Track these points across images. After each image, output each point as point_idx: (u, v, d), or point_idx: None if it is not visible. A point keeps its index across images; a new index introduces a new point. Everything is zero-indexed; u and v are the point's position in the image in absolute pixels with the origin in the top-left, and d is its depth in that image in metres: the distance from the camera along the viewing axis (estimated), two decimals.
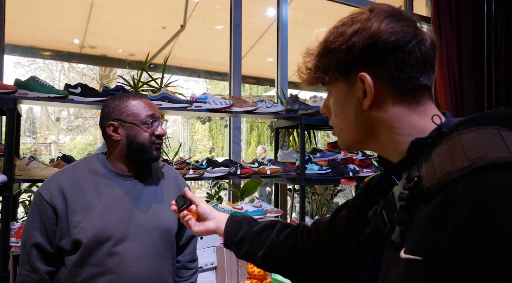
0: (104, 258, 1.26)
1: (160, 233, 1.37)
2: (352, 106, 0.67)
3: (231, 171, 2.34)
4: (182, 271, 1.52)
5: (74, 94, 1.92)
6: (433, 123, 0.62)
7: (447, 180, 0.52)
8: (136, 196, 1.36)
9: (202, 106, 2.31)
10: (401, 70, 0.62)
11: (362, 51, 0.63)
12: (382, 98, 0.64)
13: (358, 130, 0.69)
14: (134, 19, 4.19)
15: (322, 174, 2.63)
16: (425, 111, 0.65)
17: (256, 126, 10.83)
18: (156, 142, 1.37)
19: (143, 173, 1.42)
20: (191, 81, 11.22)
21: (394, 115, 0.65)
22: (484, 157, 0.50)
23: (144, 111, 1.36)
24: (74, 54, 4.49)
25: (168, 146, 2.98)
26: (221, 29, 4.50)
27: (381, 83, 0.63)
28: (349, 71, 0.65)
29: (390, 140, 0.66)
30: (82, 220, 1.26)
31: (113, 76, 7.56)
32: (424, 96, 0.65)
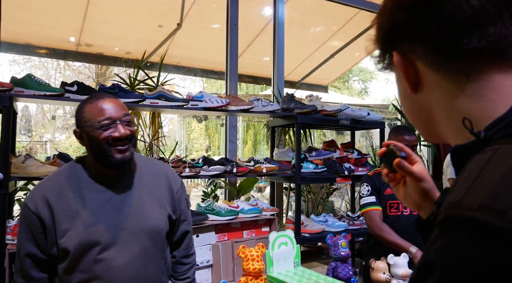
0: (91, 264, 1.27)
1: (148, 235, 1.35)
2: (403, 90, 0.56)
3: (227, 169, 2.35)
4: (178, 266, 1.52)
5: (70, 92, 1.93)
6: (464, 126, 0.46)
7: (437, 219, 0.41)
8: (122, 199, 1.34)
9: (198, 104, 2.31)
10: (434, 35, 0.47)
11: (390, 26, 0.52)
12: (425, 77, 0.51)
13: (415, 118, 0.57)
14: (131, 17, 4.18)
15: (317, 172, 2.64)
16: (480, 90, 0.46)
17: (253, 125, 10.83)
18: (116, 144, 1.29)
19: (127, 174, 1.39)
20: (187, 80, 11.22)
21: (440, 99, 0.50)
22: (452, 204, 0.38)
23: (98, 115, 1.29)
24: (70, 52, 4.47)
25: (164, 144, 2.98)
26: (217, 27, 4.50)
27: (419, 58, 0.50)
28: (390, 50, 0.54)
29: (449, 132, 0.52)
30: (69, 229, 1.26)
31: (109, 74, 7.55)
32: (482, 66, 0.46)
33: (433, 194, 0.74)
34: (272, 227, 2.50)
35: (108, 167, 1.32)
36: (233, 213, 2.32)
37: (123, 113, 1.33)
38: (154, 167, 1.49)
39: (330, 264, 1.68)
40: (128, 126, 1.33)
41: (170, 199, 1.45)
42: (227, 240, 2.31)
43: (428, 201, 0.74)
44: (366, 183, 2.18)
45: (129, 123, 1.34)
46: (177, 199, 1.47)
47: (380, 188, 2.16)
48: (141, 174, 1.42)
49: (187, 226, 1.53)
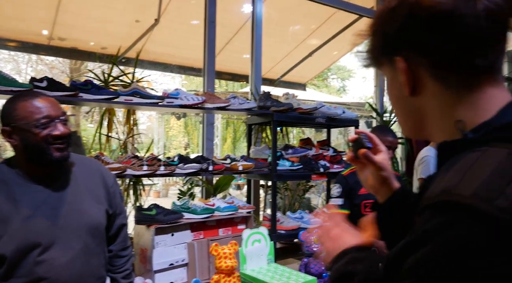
0: (31, 267, 1.24)
1: (89, 231, 1.36)
2: (397, 91, 0.60)
3: (203, 167, 2.34)
4: (115, 259, 1.52)
5: (39, 88, 1.87)
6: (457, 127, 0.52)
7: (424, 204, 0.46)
8: (58, 198, 1.33)
9: (174, 102, 2.29)
10: (444, 50, 0.51)
11: (398, 33, 0.55)
12: (424, 84, 0.55)
13: (405, 117, 0.62)
14: (107, 11, 4.10)
15: (293, 170, 2.66)
16: (475, 101, 0.52)
17: (232, 122, 10.82)
18: (55, 142, 1.28)
19: (61, 173, 1.37)
20: (167, 76, 11.10)
21: (437, 105, 0.55)
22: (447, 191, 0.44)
23: (35, 113, 1.26)
24: (42, 46, 4.34)
25: (140, 142, 2.95)
26: (196, 24, 4.47)
27: (421, 66, 0.54)
28: (390, 54, 0.57)
29: (437, 134, 0.58)
30: (3, 235, 1.23)
31: (84, 69, 7.38)
32: (478, 81, 0.52)
33: (390, 182, 0.81)
34: (248, 225, 2.50)
35: (45, 165, 1.30)
36: (209, 211, 2.31)
37: (61, 111, 1.32)
38: (87, 164, 1.49)
39: (303, 260, 1.70)
40: (66, 125, 1.32)
41: (106, 194, 1.46)
42: (202, 239, 2.30)
43: (384, 187, 0.81)
44: (339, 184, 2.21)
45: (66, 122, 1.33)
46: (112, 193, 1.48)
47: (355, 188, 2.17)
48: (75, 172, 1.41)
49: (122, 219, 1.55)
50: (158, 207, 2.13)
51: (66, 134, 1.30)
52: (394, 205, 0.80)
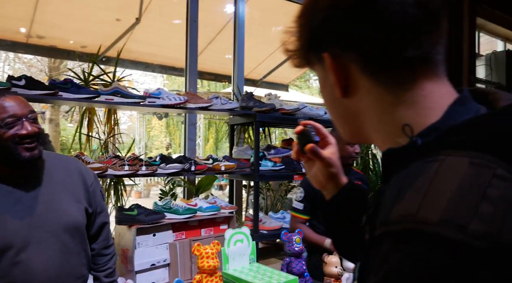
0: (8, 268, 1.22)
1: (67, 230, 1.34)
2: (329, 93, 0.54)
3: (185, 167, 2.34)
4: (98, 258, 1.52)
5: (17, 87, 1.83)
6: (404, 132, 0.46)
7: (381, 231, 0.40)
8: (32, 197, 1.31)
9: (156, 101, 2.28)
10: (373, 42, 0.46)
11: (322, 26, 0.50)
12: (357, 82, 0.50)
13: (341, 120, 0.56)
14: (87, 9, 4.03)
15: (276, 170, 2.68)
16: (412, 98, 0.47)
17: (214, 122, 10.79)
18: (23, 142, 1.25)
19: (35, 172, 1.35)
20: (148, 76, 10.98)
21: (372, 105, 0.50)
22: (409, 217, 0.36)
23: (1, 113, 1.24)
24: (20, 44, 4.24)
25: (121, 142, 2.91)
26: (178, 23, 4.44)
27: (352, 62, 0.49)
28: (317, 50, 0.52)
29: (375, 137, 0.52)
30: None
31: (63, 68, 7.24)
32: (414, 75, 0.47)
33: (338, 178, 0.77)
34: (231, 225, 2.51)
35: (15, 166, 1.28)
36: (191, 211, 2.31)
37: (28, 109, 1.29)
38: (65, 163, 1.47)
39: (285, 260, 1.72)
40: (35, 123, 1.29)
41: (85, 192, 1.45)
42: (184, 239, 2.29)
43: (332, 183, 0.78)
44: (302, 188, 2.22)
45: (35, 120, 1.30)
46: (91, 192, 1.47)
47: None
48: (52, 171, 1.39)
49: (104, 218, 1.54)
50: (139, 207, 2.12)
51: (34, 133, 1.26)
52: (341, 201, 0.77)
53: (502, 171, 0.34)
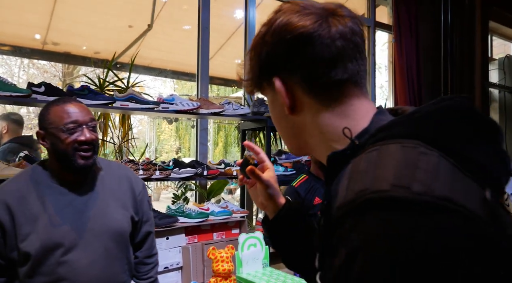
0: (54, 267, 1.27)
1: (111, 236, 1.38)
2: (279, 111, 0.64)
3: (198, 172, 2.37)
4: (140, 266, 1.55)
5: (37, 93, 1.89)
6: (344, 135, 0.56)
7: (340, 213, 0.46)
8: (84, 202, 1.35)
9: (169, 107, 2.32)
10: (308, 67, 0.58)
11: (269, 57, 0.61)
12: (301, 101, 0.60)
13: (289, 135, 0.66)
14: (100, 16, 4.12)
15: (287, 175, 2.70)
16: (345, 111, 0.59)
17: (224, 126, 10.84)
18: (81, 148, 1.30)
19: (89, 177, 1.40)
20: (158, 81, 11.07)
21: (315, 119, 0.60)
22: (365, 191, 0.44)
23: (64, 117, 1.30)
24: (36, 51, 4.34)
25: (134, 146, 2.96)
26: (188, 29, 4.50)
27: (295, 84, 0.60)
28: (268, 76, 0.62)
29: (318, 146, 0.62)
30: (30, 233, 1.26)
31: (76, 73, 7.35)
32: (344, 93, 0.59)
33: (276, 199, 0.85)
34: (242, 229, 2.54)
35: (70, 171, 1.33)
36: (203, 215, 2.34)
37: (89, 117, 1.34)
38: (116, 170, 1.51)
39: None
40: (94, 131, 1.34)
41: (133, 201, 1.48)
42: (197, 242, 2.32)
43: (272, 204, 0.85)
44: (289, 197, 2.12)
45: (94, 128, 1.35)
46: (139, 201, 1.50)
47: (309, 198, 2.11)
48: (103, 177, 1.44)
49: (149, 227, 1.56)
50: (153, 211, 2.15)
51: (92, 140, 1.32)
52: (282, 220, 0.83)
53: (424, 149, 0.45)
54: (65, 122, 1.29)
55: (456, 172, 0.44)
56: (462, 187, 0.43)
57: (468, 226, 0.40)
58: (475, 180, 0.45)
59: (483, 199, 0.43)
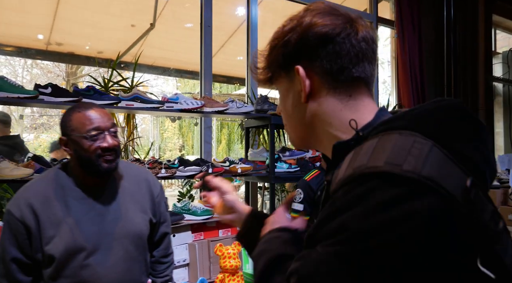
0: (77, 270, 1.29)
1: (131, 239, 1.40)
2: (293, 100, 0.69)
3: (203, 170, 2.39)
4: (156, 265, 1.58)
5: (44, 94, 1.91)
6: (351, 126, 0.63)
7: (337, 186, 0.54)
8: (105, 206, 1.38)
9: (174, 106, 2.34)
10: (332, 61, 0.64)
11: (296, 45, 0.66)
12: (318, 91, 0.66)
13: (298, 125, 0.71)
14: (102, 16, 4.14)
15: (291, 172, 2.72)
16: (356, 106, 0.65)
17: (227, 124, 10.85)
18: (105, 154, 1.32)
19: (110, 181, 1.42)
20: (160, 79, 11.08)
21: (327, 109, 0.66)
22: (361, 166, 0.51)
23: (86, 124, 1.31)
24: (40, 51, 4.37)
25: (138, 145, 2.99)
26: (191, 27, 4.51)
27: (316, 75, 0.65)
28: (288, 66, 0.67)
29: (325, 136, 0.67)
30: (54, 236, 1.28)
31: (80, 73, 7.39)
32: (358, 90, 0.66)
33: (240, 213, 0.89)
34: None
35: (93, 175, 1.35)
36: (209, 212, 2.36)
37: (111, 123, 1.35)
38: (135, 172, 1.52)
39: None
40: (115, 137, 1.35)
41: (151, 203, 1.49)
42: (203, 239, 2.35)
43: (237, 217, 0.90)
44: (301, 190, 2.18)
45: (116, 133, 1.37)
46: (157, 203, 1.52)
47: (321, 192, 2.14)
48: (123, 181, 1.45)
49: (166, 228, 1.59)
50: None
51: (114, 146, 1.33)
52: (249, 230, 0.87)
53: (419, 138, 0.52)
54: (88, 129, 1.30)
55: (447, 161, 0.51)
56: (447, 173, 0.50)
57: (443, 204, 0.47)
58: (462, 170, 0.51)
59: (464, 186, 0.50)
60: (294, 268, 0.56)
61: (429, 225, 0.47)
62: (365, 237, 0.48)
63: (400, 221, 0.47)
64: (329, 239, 0.51)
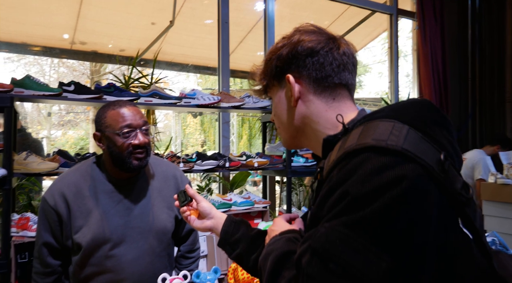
0: (102, 259, 1.36)
1: (155, 235, 1.45)
2: (285, 104, 0.81)
3: (220, 164, 2.44)
4: (182, 259, 1.64)
5: (67, 92, 2.00)
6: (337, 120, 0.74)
7: (331, 167, 0.63)
8: (132, 200, 1.43)
9: (191, 102, 2.40)
10: (317, 69, 0.76)
11: (287, 58, 0.77)
12: (305, 96, 0.77)
13: (289, 127, 0.81)
14: (124, 15, 4.25)
15: (307, 166, 2.74)
16: (339, 107, 0.77)
17: (248, 119, 10.91)
18: (136, 151, 1.35)
19: (140, 177, 1.47)
20: (182, 75, 11.24)
21: (314, 111, 0.77)
22: (351, 145, 0.61)
23: (120, 121, 1.34)
24: (65, 50, 4.53)
25: (159, 140, 3.07)
26: (210, 23, 4.57)
27: (303, 82, 0.77)
28: (280, 76, 0.79)
29: (314, 135, 0.78)
30: (83, 226, 1.35)
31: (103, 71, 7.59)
32: (340, 94, 0.78)
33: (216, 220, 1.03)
34: (264, 219, 2.60)
35: (123, 170, 1.39)
36: (226, 205, 2.42)
37: (143, 120, 1.39)
38: (164, 168, 1.56)
39: None
40: (147, 135, 1.40)
41: None
42: None
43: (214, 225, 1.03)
44: None
45: (147, 131, 1.40)
46: None
47: None
48: (152, 177, 1.50)
49: None
50: None
51: (145, 144, 1.37)
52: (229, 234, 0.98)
53: (398, 124, 0.62)
54: (121, 126, 1.34)
55: (422, 140, 0.60)
56: (424, 148, 0.59)
57: (423, 171, 0.56)
58: (435, 147, 0.60)
59: (439, 159, 0.59)
60: (304, 248, 0.62)
61: (416, 186, 0.55)
62: (365, 199, 0.55)
63: (392, 184, 0.55)
64: (332, 210, 0.59)
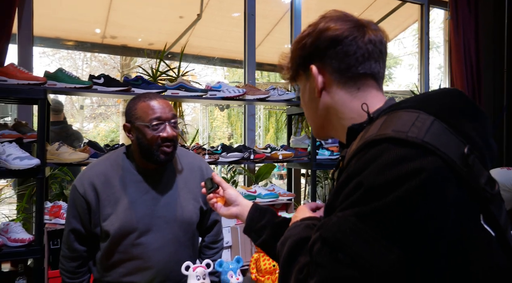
0: (129, 247, 1.41)
1: (181, 225, 1.48)
2: (310, 94, 0.80)
3: (245, 156, 2.46)
4: (205, 249, 1.68)
5: (97, 84, 2.07)
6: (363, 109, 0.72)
7: (351, 156, 0.63)
8: (160, 190, 1.46)
9: (217, 94, 2.42)
10: (340, 60, 0.74)
11: (310, 48, 0.76)
12: (329, 86, 0.76)
13: (316, 116, 0.81)
14: (153, 8, 4.32)
15: (332, 159, 2.71)
16: (365, 97, 0.75)
17: (275, 112, 10.88)
18: (164, 144, 1.38)
19: (166, 168, 1.50)
20: (209, 68, 11.33)
21: (339, 101, 0.76)
22: (372, 135, 0.60)
23: (149, 114, 1.37)
24: (96, 44, 4.66)
25: (186, 133, 3.12)
26: (237, 16, 4.57)
27: (327, 73, 0.76)
28: (305, 65, 0.78)
29: (339, 125, 0.77)
30: (111, 214, 1.40)
31: (133, 64, 7.77)
32: (366, 84, 0.76)
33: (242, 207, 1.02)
34: (289, 211, 2.60)
35: (151, 162, 1.43)
36: (251, 197, 2.44)
37: (172, 113, 1.42)
38: (190, 160, 1.59)
39: None
40: (175, 128, 1.42)
41: None
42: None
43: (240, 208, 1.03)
44: None
45: (176, 124, 1.43)
46: None
47: None
48: (179, 168, 1.53)
49: (216, 215, 1.65)
50: None
51: (173, 137, 1.40)
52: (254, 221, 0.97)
53: (423, 115, 0.60)
54: (150, 118, 1.37)
55: (446, 132, 0.59)
56: (447, 141, 0.57)
57: (444, 164, 0.55)
58: (461, 140, 0.58)
59: (462, 152, 0.57)
60: (316, 236, 0.61)
61: (434, 179, 0.54)
62: (380, 191, 0.55)
63: (409, 176, 0.54)
64: (346, 200, 0.58)
